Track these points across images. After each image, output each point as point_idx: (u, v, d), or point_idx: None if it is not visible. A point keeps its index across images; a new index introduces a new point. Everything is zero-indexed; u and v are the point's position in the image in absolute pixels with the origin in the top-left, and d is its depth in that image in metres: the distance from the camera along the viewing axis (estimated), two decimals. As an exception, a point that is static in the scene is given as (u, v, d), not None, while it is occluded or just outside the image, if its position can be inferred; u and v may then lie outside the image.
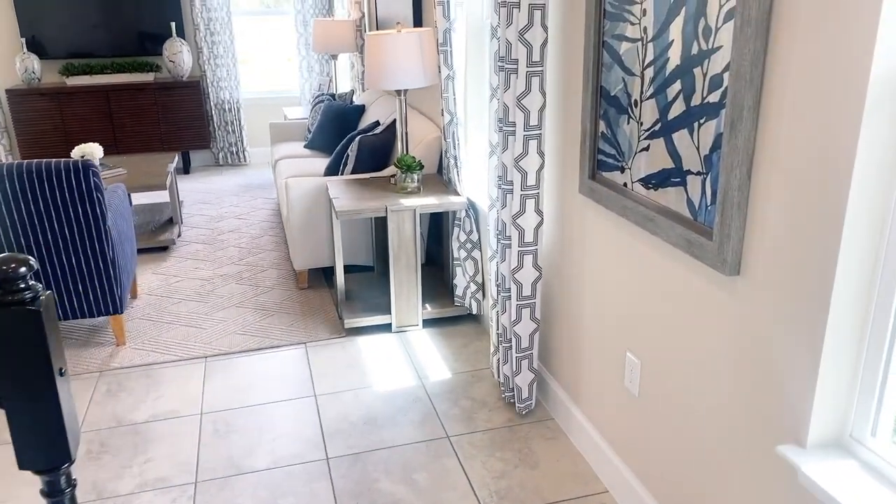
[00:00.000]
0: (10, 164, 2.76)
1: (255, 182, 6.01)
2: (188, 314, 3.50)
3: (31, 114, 5.79)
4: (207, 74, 6.34)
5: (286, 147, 5.13)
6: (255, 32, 6.89)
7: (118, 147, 6.06)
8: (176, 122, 6.13)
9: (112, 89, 5.91)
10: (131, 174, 4.44)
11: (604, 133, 2.03)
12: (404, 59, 3.15)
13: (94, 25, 5.97)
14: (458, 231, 3.29)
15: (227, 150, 6.58)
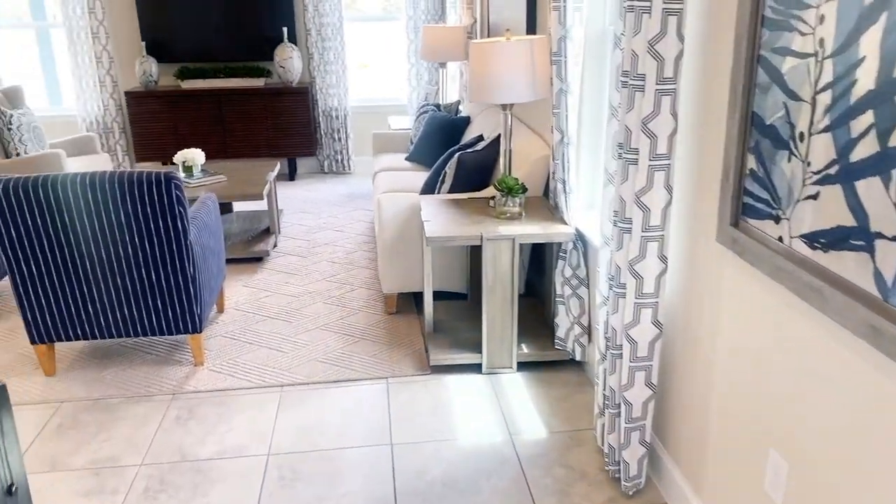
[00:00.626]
0: (91, 174, 2.66)
1: (358, 192, 5.86)
2: (271, 335, 3.32)
3: (147, 115, 5.91)
4: (317, 81, 6.27)
5: (387, 158, 4.92)
6: (365, 38, 6.78)
7: (227, 151, 6.09)
8: (284, 128, 6.09)
9: (224, 93, 5.94)
10: (231, 182, 4.36)
11: (753, 171, 1.61)
12: (512, 69, 2.81)
13: (209, 30, 6.03)
14: (562, 265, 2.91)
15: (332, 157, 6.49)
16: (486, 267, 2.82)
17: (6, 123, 4.62)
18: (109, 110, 6.13)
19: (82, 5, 5.86)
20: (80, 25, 5.91)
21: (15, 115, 4.67)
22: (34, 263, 2.75)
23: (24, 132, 4.70)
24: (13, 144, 4.65)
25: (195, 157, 4.36)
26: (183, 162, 4.36)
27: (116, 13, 6.02)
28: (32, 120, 4.83)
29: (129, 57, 6.14)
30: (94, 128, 6.15)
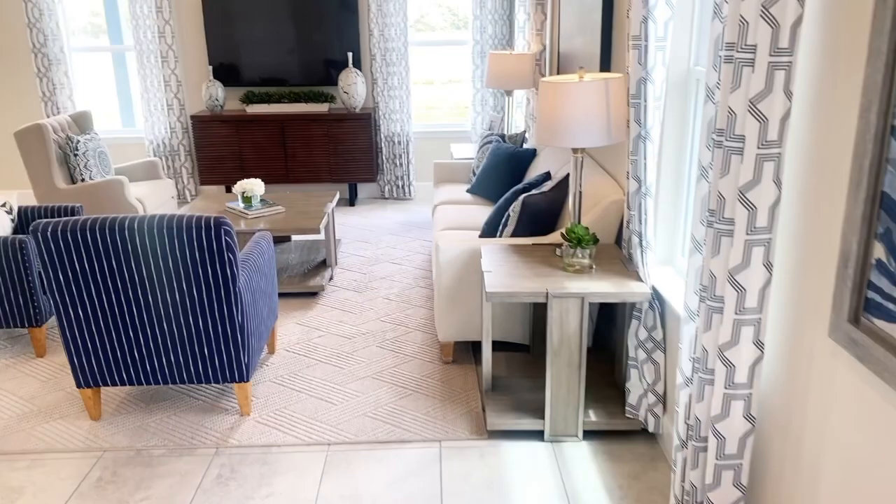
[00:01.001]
0: (140, 218, 2.56)
1: (417, 220, 5.71)
2: (321, 382, 3.16)
3: (212, 139, 5.92)
4: (380, 106, 6.17)
5: (448, 190, 4.74)
6: (430, 61, 6.65)
7: (288, 176, 6.04)
8: (345, 153, 6.00)
9: (287, 118, 5.90)
10: (288, 213, 4.27)
11: (881, 262, 1.34)
12: (585, 112, 2.59)
13: (276, 56, 6.02)
14: (636, 325, 2.65)
15: (393, 183, 6.36)
16: (552, 326, 2.58)
17: (72, 149, 4.66)
18: (176, 133, 6.17)
19: (153, 29, 5.93)
20: (149, 49, 5.98)
21: (82, 141, 4.70)
22: (81, 307, 2.67)
23: (89, 158, 4.73)
24: (78, 170, 4.69)
25: (254, 188, 4.28)
26: (242, 192, 4.29)
27: (186, 37, 6.07)
28: (99, 145, 4.86)
29: (196, 81, 6.18)
30: (161, 150, 6.20)
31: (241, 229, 3.98)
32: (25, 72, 6.11)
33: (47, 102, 6.06)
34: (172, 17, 5.92)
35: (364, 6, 6.03)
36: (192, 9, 6.00)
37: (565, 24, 4.37)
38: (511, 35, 6.00)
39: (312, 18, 5.94)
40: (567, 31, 4.30)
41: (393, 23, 5.96)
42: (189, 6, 6.00)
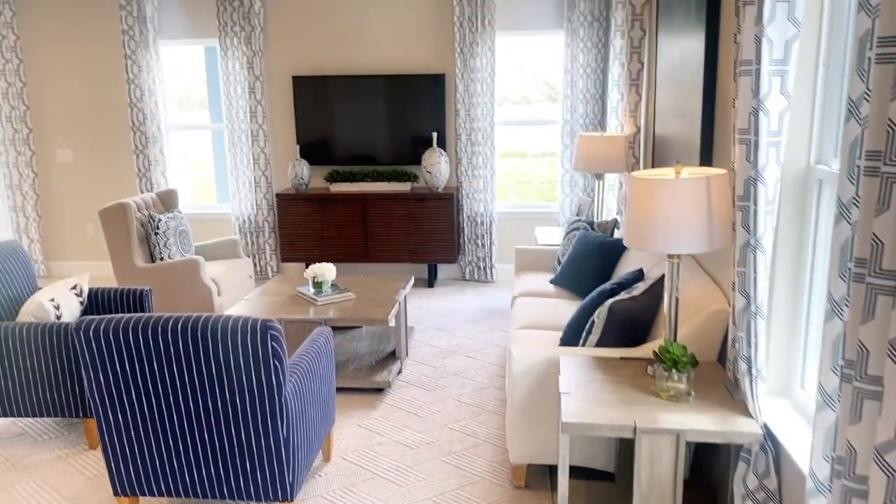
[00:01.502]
0: (185, 319, 2.37)
1: (498, 305, 5.38)
2: (376, 502, 2.83)
3: (296, 217, 5.88)
4: (463, 185, 5.98)
5: (530, 280, 4.41)
6: (519, 135, 6.45)
7: (368, 255, 5.90)
8: (426, 233, 5.81)
9: (369, 197, 5.80)
10: (359, 300, 4.05)
11: None
12: (682, 213, 2.23)
13: (361, 135, 5.98)
14: (744, 469, 2.20)
15: (474, 264, 6.10)
16: (640, 465, 2.17)
17: (154, 228, 4.67)
18: (262, 210, 6.19)
19: (245, 109, 6.04)
20: (241, 128, 6.08)
21: (163, 220, 4.72)
22: (121, 411, 2.49)
23: (169, 237, 4.73)
24: (158, 249, 4.69)
25: (325, 273, 4.11)
26: (313, 277, 4.12)
27: (276, 117, 6.16)
28: (181, 224, 4.87)
29: (284, 159, 6.23)
30: (247, 227, 6.23)
31: (309, 318, 3.78)
32: (125, 149, 6.35)
33: (142, 178, 6.24)
34: (264, 98, 6.02)
35: (451, 86, 5.94)
36: (282, 90, 6.10)
37: (662, 105, 4.04)
38: (603, 115, 5.72)
39: (399, 99, 5.89)
40: (664, 113, 3.98)
41: (479, 102, 5.82)
42: (280, 88, 6.10)
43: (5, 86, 6.18)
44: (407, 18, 5.87)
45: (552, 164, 6.48)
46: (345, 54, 5.98)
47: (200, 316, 2.40)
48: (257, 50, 5.93)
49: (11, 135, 6.28)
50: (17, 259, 3.65)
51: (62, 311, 3.41)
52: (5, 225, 6.42)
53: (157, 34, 6.07)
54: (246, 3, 5.84)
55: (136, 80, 6.05)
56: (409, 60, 5.93)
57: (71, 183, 6.47)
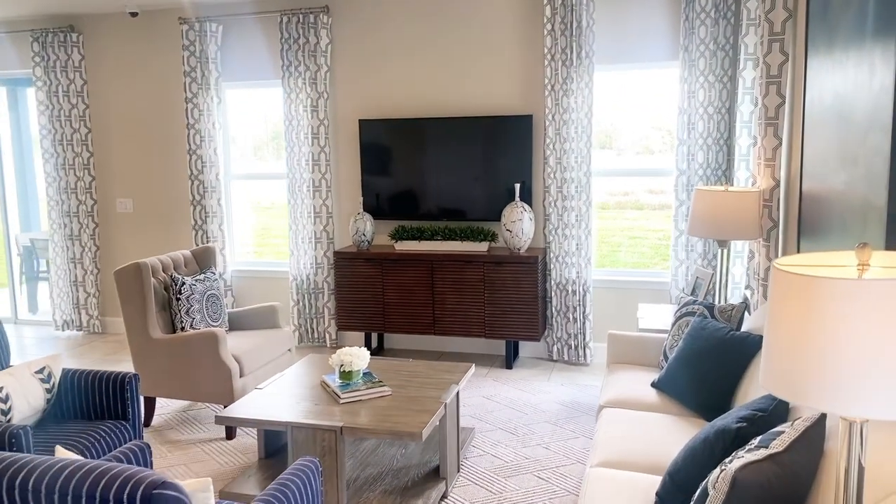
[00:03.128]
0: (66, 467, 1.54)
1: (588, 401, 4.28)
2: None
3: (356, 279, 5.09)
4: (551, 246, 4.97)
5: (625, 378, 3.32)
6: (624, 183, 5.40)
7: (435, 327, 4.98)
8: (505, 303, 4.83)
9: (438, 259, 4.92)
10: (394, 399, 3.13)
11: None
12: (871, 343, 1.16)
13: (431, 187, 5.15)
14: None
15: (563, 342, 5.03)
16: None
17: (176, 292, 4.00)
18: (322, 269, 5.46)
19: (307, 157, 5.38)
20: (302, 178, 5.43)
21: (188, 283, 4.05)
22: None
23: (193, 302, 4.05)
24: (179, 317, 4.01)
25: (354, 361, 3.22)
26: (340, 366, 3.25)
27: (340, 166, 5.46)
28: (211, 287, 4.19)
29: (346, 213, 5.50)
30: (304, 287, 5.51)
31: (319, 425, 2.89)
32: (183, 199, 5.86)
33: (198, 231, 5.70)
34: (328, 144, 5.35)
35: (539, 129, 5.01)
36: (348, 136, 5.40)
37: (814, 151, 2.91)
38: (729, 165, 4.57)
39: (478, 145, 5.03)
40: (818, 162, 2.84)
41: (573, 148, 4.84)
42: (346, 133, 5.41)
43: (71, 132, 5.90)
44: (488, 52, 5.04)
45: (667, 217, 5.36)
46: (417, 94, 5.22)
47: (83, 467, 1.56)
48: (322, 91, 5.29)
49: (74, 182, 5.96)
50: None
51: (12, 404, 2.72)
52: (64, 277, 6.07)
53: (220, 76, 5.58)
54: (312, 39, 5.23)
55: (196, 124, 5.57)
56: (490, 100, 5.08)
57: (130, 235, 6.06)
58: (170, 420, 4.12)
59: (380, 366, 3.63)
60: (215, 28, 5.48)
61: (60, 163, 5.94)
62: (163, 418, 4.15)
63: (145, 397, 4.03)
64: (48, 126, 5.92)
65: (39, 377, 2.90)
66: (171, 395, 3.93)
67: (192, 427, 4.02)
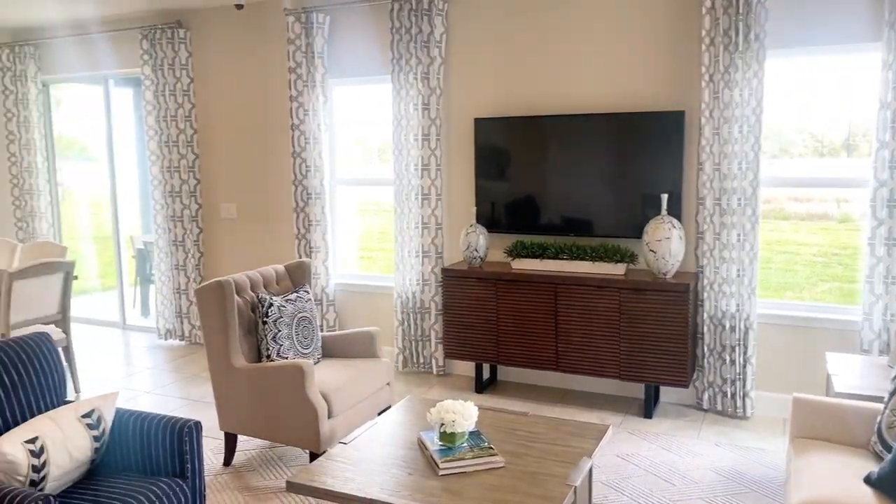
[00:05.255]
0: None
1: (751, 471, 3.38)
2: None
3: (464, 300, 4.43)
4: (705, 271, 4.08)
5: (822, 465, 2.42)
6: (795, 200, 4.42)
7: (559, 363, 4.23)
8: (644, 339, 4.00)
9: (564, 282, 4.16)
10: (507, 473, 2.43)
11: None
12: None
13: (556, 198, 4.40)
14: None
15: (716, 388, 4.12)
16: None
17: (262, 314, 3.50)
18: (429, 286, 4.85)
19: (416, 161, 4.79)
20: (410, 184, 4.84)
21: (276, 304, 3.53)
22: None
23: (282, 326, 3.53)
24: (265, 343, 3.50)
25: (458, 421, 2.55)
26: (440, 424, 2.59)
27: (452, 171, 4.82)
28: (302, 309, 3.66)
29: (457, 224, 4.85)
30: (409, 306, 4.92)
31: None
32: (286, 205, 5.44)
33: (301, 240, 5.25)
34: (439, 147, 4.72)
35: (693, 128, 4.14)
36: (462, 137, 4.75)
37: None
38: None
39: (616, 147, 4.22)
40: None
41: (737, 151, 3.93)
42: (459, 134, 4.76)
43: (177, 132, 5.64)
44: (628, 37, 4.22)
45: (854, 232, 4.34)
46: (541, 88, 4.48)
47: None
48: (435, 87, 4.67)
49: (179, 186, 5.70)
50: (42, 360, 2.61)
51: (48, 458, 2.25)
52: (168, 283, 5.83)
53: (327, 72, 5.10)
54: (425, 28, 4.63)
55: (300, 125, 5.12)
56: (628, 94, 4.26)
57: (233, 242, 5.73)
58: (252, 459, 3.62)
59: (490, 421, 2.93)
60: (322, 19, 5.00)
61: (166, 165, 5.70)
62: (245, 456, 3.66)
63: (226, 433, 3.55)
64: (155, 127, 5.69)
65: (87, 422, 2.44)
66: (251, 434, 3.43)
67: (275, 469, 3.50)
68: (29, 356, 2.56)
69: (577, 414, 4.19)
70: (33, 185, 6.40)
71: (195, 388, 4.74)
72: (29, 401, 2.52)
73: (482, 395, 4.53)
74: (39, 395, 2.56)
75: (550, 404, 4.35)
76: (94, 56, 6.00)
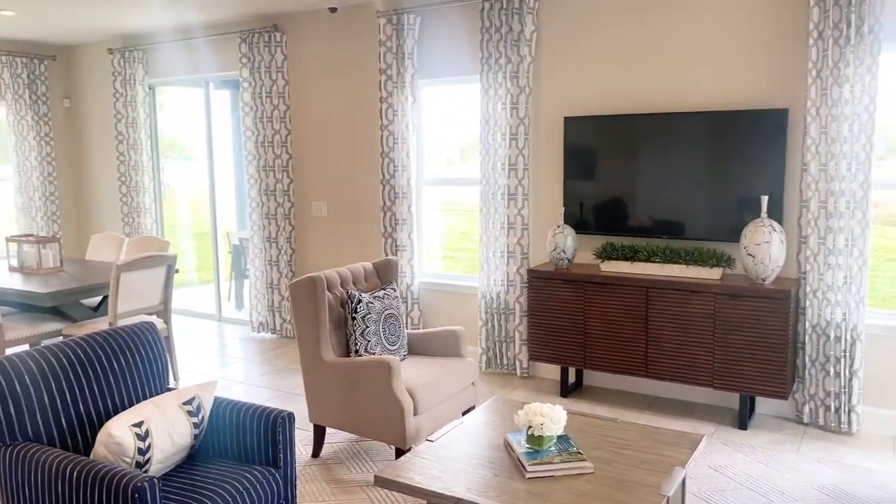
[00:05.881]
0: None
1: (858, 491, 3.17)
2: None
3: (550, 302, 4.38)
4: (808, 278, 3.87)
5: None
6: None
7: (648, 368, 4.11)
8: (741, 347, 3.83)
9: (656, 286, 4.04)
10: (596, 479, 2.37)
11: None
12: None
13: (648, 198, 4.27)
14: None
15: (818, 401, 3.90)
16: None
17: (351, 310, 3.57)
18: (514, 287, 4.81)
19: (503, 160, 4.76)
20: (496, 184, 4.82)
21: (365, 300, 3.60)
22: None
23: (370, 323, 3.59)
24: (354, 338, 3.57)
25: (546, 424, 2.51)
26: (528, 426, 2.56)
27: (540, 170, 4.77)
28: (389, 306, 3.71)
29: (544, 225, 4.79)
30: (493, 307, 4.90)
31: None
32: (374, 205, 5.54)
33: (387, 239, 5.33)
34: (527, 146, 4.68)
35: (797, 126, 3.93)
36: (550, 136, 4.69)
37: None
38: None
39: (712, 146, 4.07)
40: None
41: (845, 151, 3.71)
42: (548, 133, 4.71)
43: (272, 133, 5.83)
44: (726, 31, 4.05)
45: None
46: (633, 86, 4.37)
47: None
48: (524, 86, 4.63)
49: (273, 185, 5.90)
50: (148, 348, 2.75)
51: (152, 442, 2.37)
52: (262, 278, 6.04)
53: (416, 72, 5.15)
54: (515, 27, 4.60)
55: (389, 125, 5.19)
56: (725, 91, 4.09)
57: (323, 240, 5.87)
58: (340, 452, 3.70)
59: (578, 425, 2.88)
60: (413, 20, 5.05)
61: (262, 164, 5.90)
62: (333, 448, 3.74)
63: (315, 425, 3.64)
64: (252, 127, 5.90)
65: (188, 409, 2.55)
66: (338, 427, 3.50)
67: (361, 462, 3.56)
68: (136, 344, 2.70)
69: (666, 422, 4.06)
70: (139, 182, 6.77)
71: (285, 381, 4.89)
72: (135, 386, 2.66)
73: (567, 399, 4.46)
74: (145, 381, 2.70)
75: (638, 411, 4.24)
76: (196, 59, 6.29)
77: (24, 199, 6.95)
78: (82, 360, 2.53)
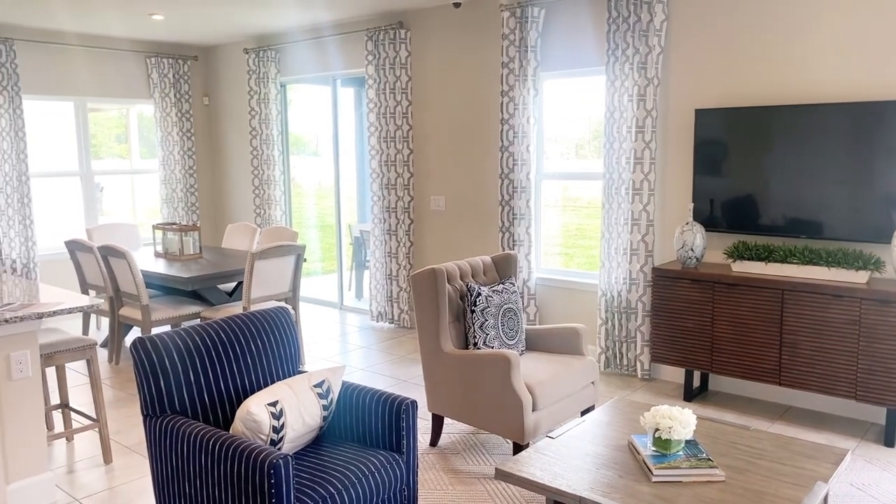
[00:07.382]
0: None
1: None
2: None
3: (676, 303, 4.21)
4: (973, 285, 3.50)
5: None
6: None
7: (782, 376, 3.87)
8: (887, 357, 3.53)
9: (792, 289, 3.79)
10: (727, 488, 2.26)
11: None
12: None
13: (787, 194, 4.01)
14: None
15: (982, 423, 3.52)
16: None
17: (471, 303, 3.59)
18: (636, 286, 4.67)
19: (628, 154, 4.63)
20: (621, 179, 4.69)
21: (484, 294, 3.61)
22: None
23: (488, 316, 3.60)
24: (473, 331, 3.59)
25: (675, 428, 2.42)
26: (655, 430, 2.47)
27: (668, 165, 4.59)
28: (508, 300, 3.70)
29: (671, 222, 4.61)
30: (614, 306, 4.78)
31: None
32: (492, 199, 5.53)
33: (504, 234, 5.32)
34: (654, 140, 4.52)
35: (964, 118, 3.55)
36: (680, 129, 4.51)
37: None
38: None
39: (858, 140, 3.76)
40: None
41: None
42: (677, 126, 4.52)
43: (394, 128, 5.97)
44: (875, 15, 3.72)
45: None
46: (774, 77, 4.11)
47: None
48: (653, 77, 4.47)
49: (394, 179, 6.03)
50: (282, 332, 2.89)
51: (286, 421, 2.49)
52: (381, 269, 6.20)
53: (539, 65, 5.10)
54: (644, 16, 4.45)
55: (510, 119, 5.18)
56: (880, 81, 3.76)
57: (441, 234, 5.95)
58: (457, 442, 3.74)
59: (707, 431, 2.75)
60: (537, 13, 5.00)
61: (384, 159, 6.05)
62: (451, 438, 3.79)
63: (433, 414, 3.70)
64: (376, 123, 6.06)
65: (318, 391, 2.65)
66: (457, 417, 3.53)
67: (479, 455, 3.58)
68: (272, 327, 2.84)
69: (801, 433, 3.80)
70: (270, 176, 7.14)
71: (403, 369, 5.00)
72: (270, 368, 2.80)
73: (691, 404, 4.28)
74: (279, 363, 2.84)
75: (769, 420, 4.00)
76: (324, 58, 6.53)
77: (168, 191, 7.50)
78: (224, 341, 2.70)
